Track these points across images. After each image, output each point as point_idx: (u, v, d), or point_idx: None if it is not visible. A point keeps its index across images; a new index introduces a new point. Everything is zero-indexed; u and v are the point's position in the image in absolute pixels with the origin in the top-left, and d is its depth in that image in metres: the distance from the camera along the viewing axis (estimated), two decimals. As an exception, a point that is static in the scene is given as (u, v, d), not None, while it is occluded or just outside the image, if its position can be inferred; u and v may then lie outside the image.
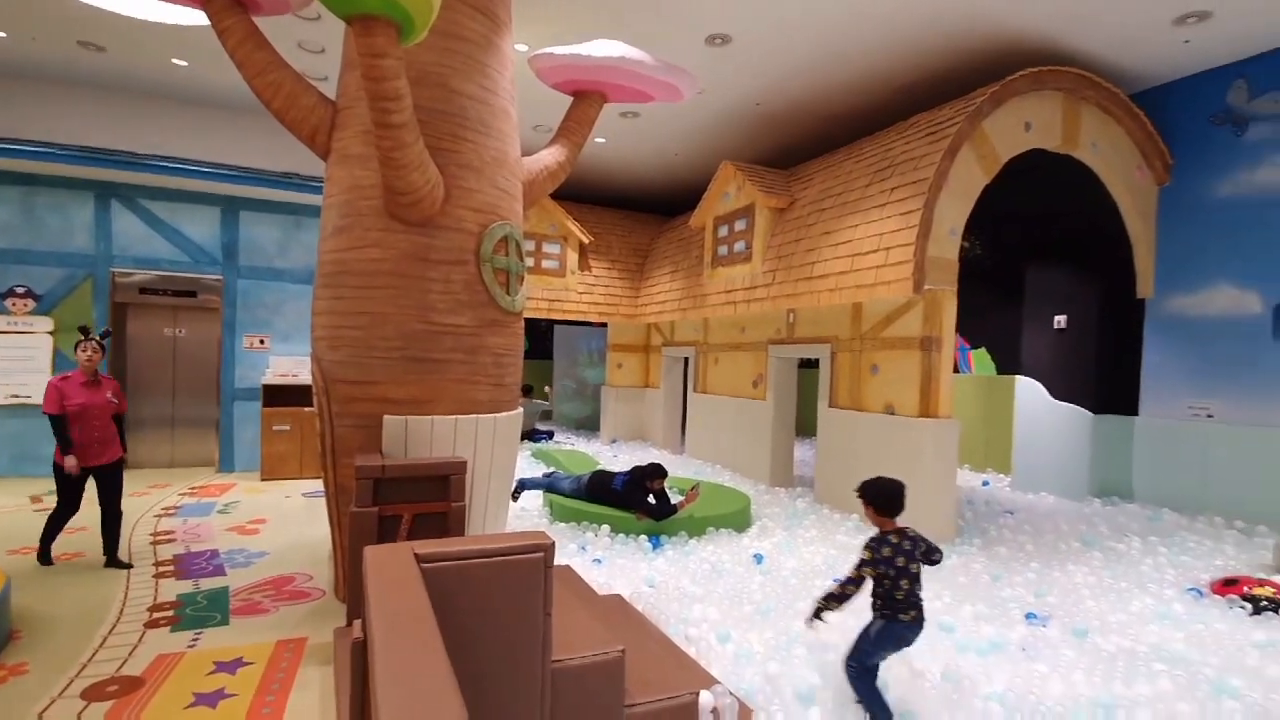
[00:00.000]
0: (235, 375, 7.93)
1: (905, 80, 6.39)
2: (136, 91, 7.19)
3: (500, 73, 4.06)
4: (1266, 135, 5.75)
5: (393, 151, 3.37)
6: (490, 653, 2.01)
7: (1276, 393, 5.64)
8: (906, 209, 5.24)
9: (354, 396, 3.75)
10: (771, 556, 4.85)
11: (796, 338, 7.07)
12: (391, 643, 1.29)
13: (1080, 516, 6.03)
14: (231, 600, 3.99)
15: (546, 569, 2.08)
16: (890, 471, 5.52)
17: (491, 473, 4.16)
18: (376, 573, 1.72)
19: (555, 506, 5.77)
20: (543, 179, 4.54)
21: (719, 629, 3.52)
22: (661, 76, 4.47)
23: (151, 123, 7.27)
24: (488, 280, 3.92)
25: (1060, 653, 3.38)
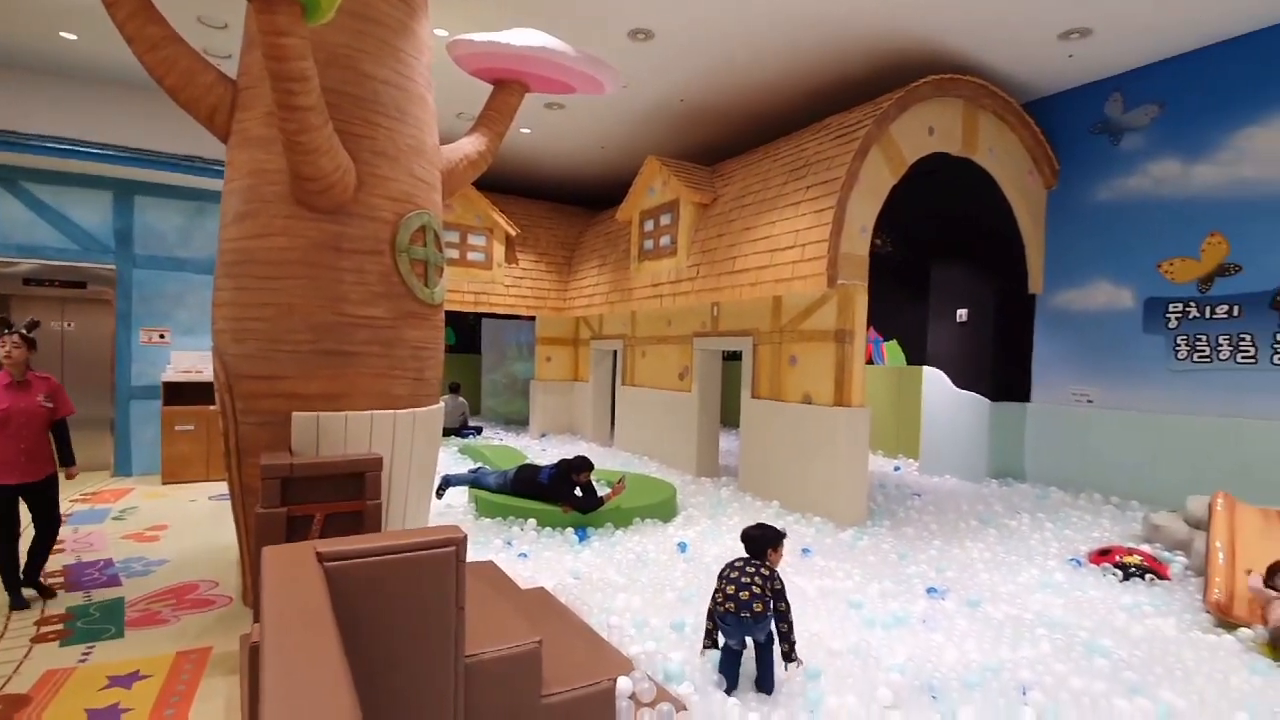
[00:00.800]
0: (132, 372, 7.40)
1: (819, 82, 6.62)
2: (18, 66, 6.54)
3: (416, 58, 3.95)
4: (1139, 145, 6.31)
5: (298, 135, 3.23)
6: (399, 649, 1.98)
7: (1145, 379, 6.24)
8: (820, 207, 5.45)
9: (260, 392, 3.59)
10: (695, 544, 4.96)
11: (720, 330, 7.24)
12: (281, 644, 1.26)
13: (979, 496, 6.47)
14: (127, 611, 3.77)
15: (458, 563, 2.07)
16: (807, 457, 5.84)
17: (411, 469, 4.07)
18: (273, 573, 1.66)
19: (481, 502, 5.70)
20: (463, 168, 4.46)
21: (639, 616, 3.58)
22: (583, 69, 4.46)
23: (36, 99, 6.62)
24: (404, 271, 3.82)
25: (955, 623, 3.63)
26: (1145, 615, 3.78)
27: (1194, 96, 5.91)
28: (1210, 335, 5.81)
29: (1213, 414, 5.76)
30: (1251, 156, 5.58)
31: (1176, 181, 6.03)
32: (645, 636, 3.36)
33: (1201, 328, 5.86)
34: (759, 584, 2.98)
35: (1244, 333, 5.61)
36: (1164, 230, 6.10)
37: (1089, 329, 6.65)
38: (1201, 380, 5.86)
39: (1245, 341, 5.60)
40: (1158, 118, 6.17)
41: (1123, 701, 2.78)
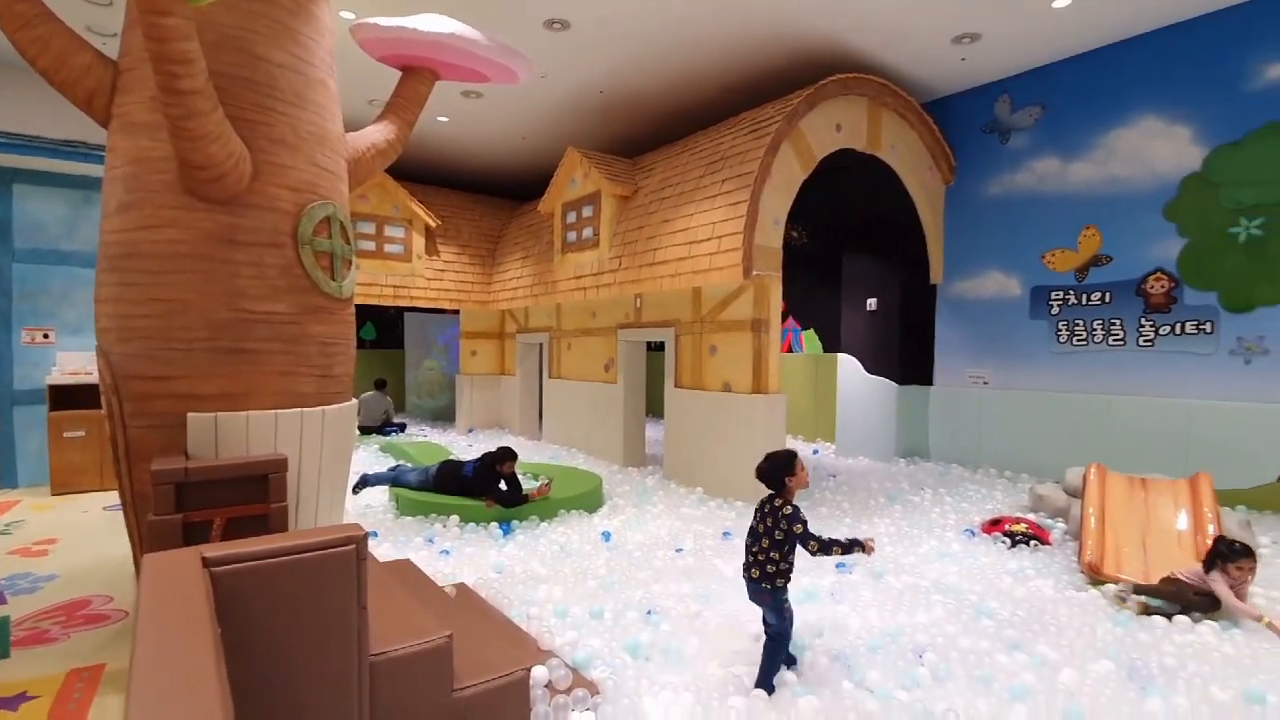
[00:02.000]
0: (14, 375, 6.80)
1: (734, 77, 6.78)
2: None
3: (316, 41, 3.80)
4: (1024, 144, 6.80)
5: (184, 121, 3.05)
6: (299, 653, 1.94)
7: (1031, 362, 6.78)
8: (735, 200, 5.60)
9: (150, 393, 3.39)
10: (619, 533, 5.04)
11: (643, 322, 7.33)
12: (151, 662, 1.21)
13: (888, 475, 6.84)
14: (13, 631, 3.51)
15: (359, 561, 2.05)
16: (727, 444, 6.01)
17: (322, 470, 3.94)
18: (151, 583, 1.60)
19: (401, 500, 5.58)
20: (371, 157, 4.32)
21: (560, 606, 3.62)
22: (495, 57, 4.39)
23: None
24: (308, 264, 3.68)
25: (860, 594, 3.85)
26: (1028, 578, 4.12)
27: (1071, 99, 6.41)
28: (1086, 320, 6.35)
29: (1089, 392, 6.31)
30: (1120, 156, 6.12)
31: (1056, 178, 6.53)
32: (566, 626, 3.40)
33: (1079, 313, 6.40)
34: (766, 535, 2.75)
35: (1114, 317, 6.17)
36: (1046, 223, 6.61)
37: (983, 316, 7.14)
38: (1079, 361, 6.40)
39: (1115, 325, 6.16)
40: (1040, 119, 6.66)
41: (1003, 656, 3.05)
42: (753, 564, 2.85)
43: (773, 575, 2.78)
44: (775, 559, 2.76)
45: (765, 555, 2.78)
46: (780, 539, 2.74)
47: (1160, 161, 5.88)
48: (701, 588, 3.93)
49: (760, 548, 2.80)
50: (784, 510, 2.76)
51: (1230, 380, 5.55)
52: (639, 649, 3.11)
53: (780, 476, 2.85)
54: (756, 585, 2.84)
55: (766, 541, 2.78)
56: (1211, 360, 5.64)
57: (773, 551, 2.76)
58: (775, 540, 2.75)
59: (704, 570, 4.28)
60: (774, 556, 2.76)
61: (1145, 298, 5.99)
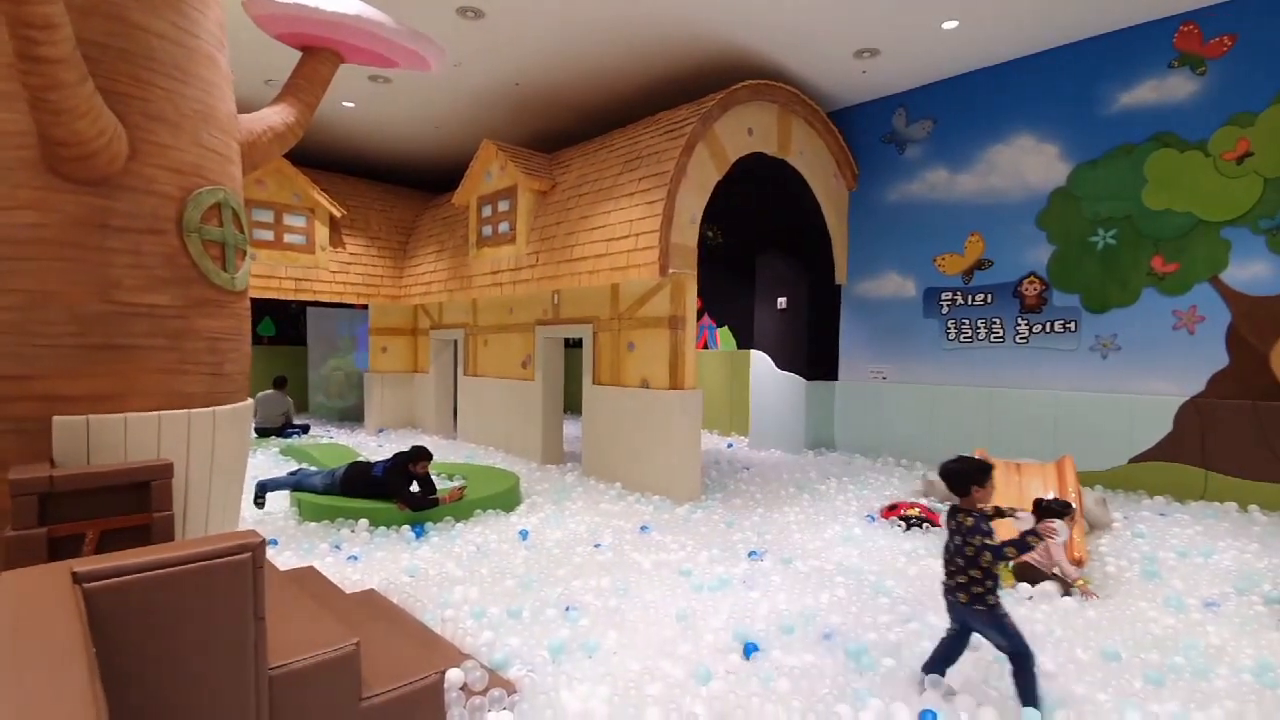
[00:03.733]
0: None
1: (649, 78, 6.86)
2: None
3: (202, 12, 3.51)
4: (918, 155, 7.27)
5: (47, 93, 2.75)
6: (190, 670, 1.81)
7: (924, 358, 7.29)
8: (652, 198, 5.67)
9: (8, 395, 3.03)
10: (537, 531, 4.98)
11: (562, 318, 7.28)
12: (11, 698, 1.08)
13: (798, 466, 7.15)
14: None
15: (255, 570, 1.92)
16: (645, 439, 6.07)
17: (213, 475, 3.66)
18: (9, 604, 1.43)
19: (305, 506, 5.27)
20: (267, 141, 4.03)
21: (477, 607, 3.55)
22: (403, 42, 4.22)
23: None
24: (195, 254, 3.40)
25: (770, 579, 4.00)
26: (920, 558, 4.42)
27: (958, 115, 6.92)
28: (971, 319, 6.89)
29: (974, 385, 6.85)
30: (999, 169, 6.67)
31: (945, 187, 7.04)
32: (482, 627, 3.33)
33: (965, 313, 6.93)
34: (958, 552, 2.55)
35: (995, 317, 6.73)
36: (937, 229, 7.11)
37: (882, 315, 7.59)
38: (966, 357, 6.94)
39: (996, 324, 6.72)
40: (932, 132, 7.14)
41: (898, 627, 3.28)
42: (956, 587, 2.61)
43: (981, 594, 2.54)
44: (976, 576, 2.54)
45: (965, 574, 2.56)
46: (971, 555, 2.54)
47: (1032, 175, 6.46)
48: (620, 581, 3.96)
49: (957, 566, 2.59)
50: (965, 522, 2.59)
51: (1090, 374, 6.18)
52: (559, 647, 3.10)
53: (967, 484, 2.63)
54: (968, 609, 2.58)
55: (961, 560, 2.57)
56: (1075, 356, 6.26)
57: (970, 569, 2.54)
58: (967, 557, 2.55)
59: (622, 564, 4.31)
60: (973, 574, 2.54)
61: (1021, 299, 6.56)
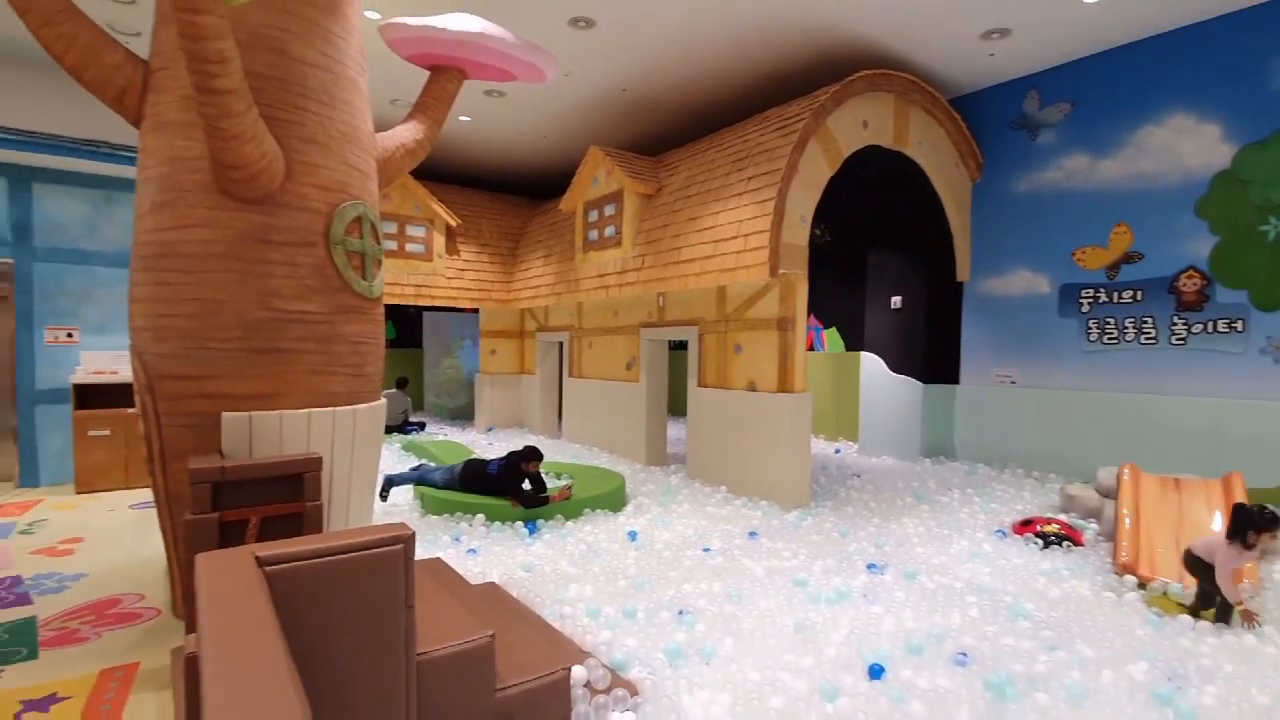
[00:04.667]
0: (36, 375, 6.86)
1: (760, 74, 6.73)
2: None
3: (346, 40, 3.79)
4: (1052, 140, 6.70)
5: (219, 121, 3.05)
6: (348, 652, 1.93)
7: (1060, 360, 6.68)
8: (762, 198, 5.56)
9: (185, 393, 3.40)
10: (645, 532, 5.01)
11: (666, 320, 7.30)
12: (223, 654, 1.20)
13: (914, 474, 6.78)
14: (40, 631, 3.50)
15: (407, 561, 2.03)
16: (752, 443, 5.96)
17: (353, 469, 3.94)
18: (209, 580, 1.59)
19: (427, 499, 5.58)
20: (400, 157, 4.31)
21: (592, 605, 3.60)
22: (522, 55, 4.38)
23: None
24: (340, 264, 3.68)
25: (893, 594, 3.81)
26: (1062, 579, 4.06)
27: (1100, 96, 6.31)
28: (1117, 318, 6.26)
29: (1120, 391, 6.21)
30: (1150, 153, 6.02)
31: (1086, 175, 6.44)
32: (599, 625, 3.38)
33: (1109, 311, 6.30)
34: None
35: (1146, 316, 6.07)
36: (1076, 221, 6.51)
37: (1011, 314, 7.05)
38: (1110, 360, 6.31)
39: (1147, 324, 6.06)
40: (1069, 115, 6.56)
41: (1044, 656, 3.02)
42: None
43: None
44: None
45: None
46: None
47: (1190, 159, 5.78)
48: (733, 587, 3.90)
49: None
50: None
51: (1260, 379, 5.45)
52: (676, 650, 3.08)
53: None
54: None
55: None
56: (1242, 359, 5.54)
57: None
58: None
59: (733, 570, 4.25)
60: None
61: (1178, 295, 5.89)
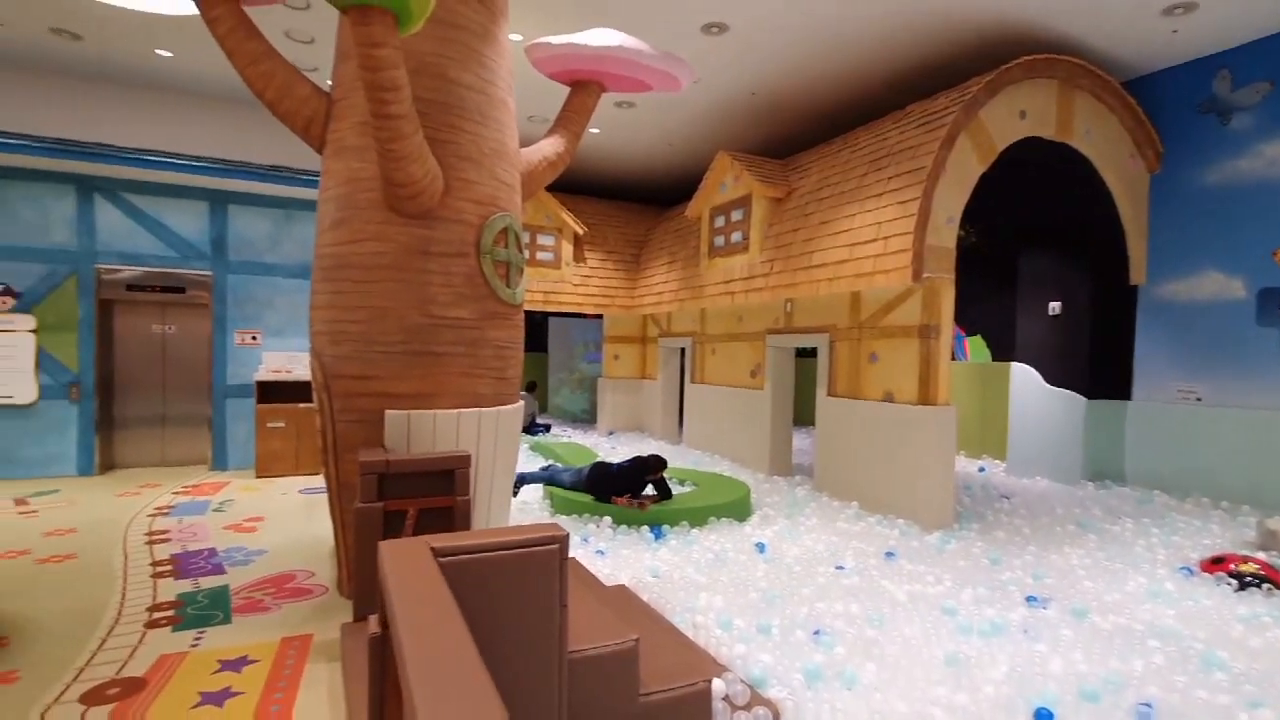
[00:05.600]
0: (227, 372, 7.84)
1: (899, 69, 6.39)
2: (118, 82, 6.99)
3: (498, 62, 4.02)
4: (1248, 124, 5.82)
5: (391, 143, 3.33)
6: (508, 645, 2.01)
7: (1261, 376, 5.75)
8: (904, 198, 5.26)
9: (355, 392, 3.72)
10: (773, 544, 4.88)
11: (794, 327, 7.10)
12: (421, 641, 1.28)
13: (1074, 500, 6.12)
14: (233, 599, 3.94)
15: (561, 561, 2.08)
16: (888, 457, 5.65)
17: (495, 467, 4.15)
18: (395, 568, 1.71)
19: (556, 499, 5.77)
20: (542, 170, 4.51)
21: (723, 616, 3.54)
22: (659, 66, 4.44)
23: (134, 114, 7.06)
24: (488, 273, 3.89)
25: (1059, 632, 3.44)
26: (1264, 626, 3.51)
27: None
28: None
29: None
30: (1387, 131, 5.06)
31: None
32: (733, 638, 3.31)
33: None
34: None
35: (1378, 324, 5.10)
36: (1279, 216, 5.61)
37: (1197, 322, 6.18)
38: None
39: (1381, 334, 5.09)
40: (1269, 95, 5.67)
41: (1245, 715, 2.62)
42: None
43: None
44: None
45: None
46: None
47: None
48: (871, 610, 3.70)
49: None
50: None
51: None
52: (814, 672, 2.96)
53: None
54: None
55: None
56: None
57: None
58: None
59: (871, 591, 4.03)
60: None
61: None
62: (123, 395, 7.72)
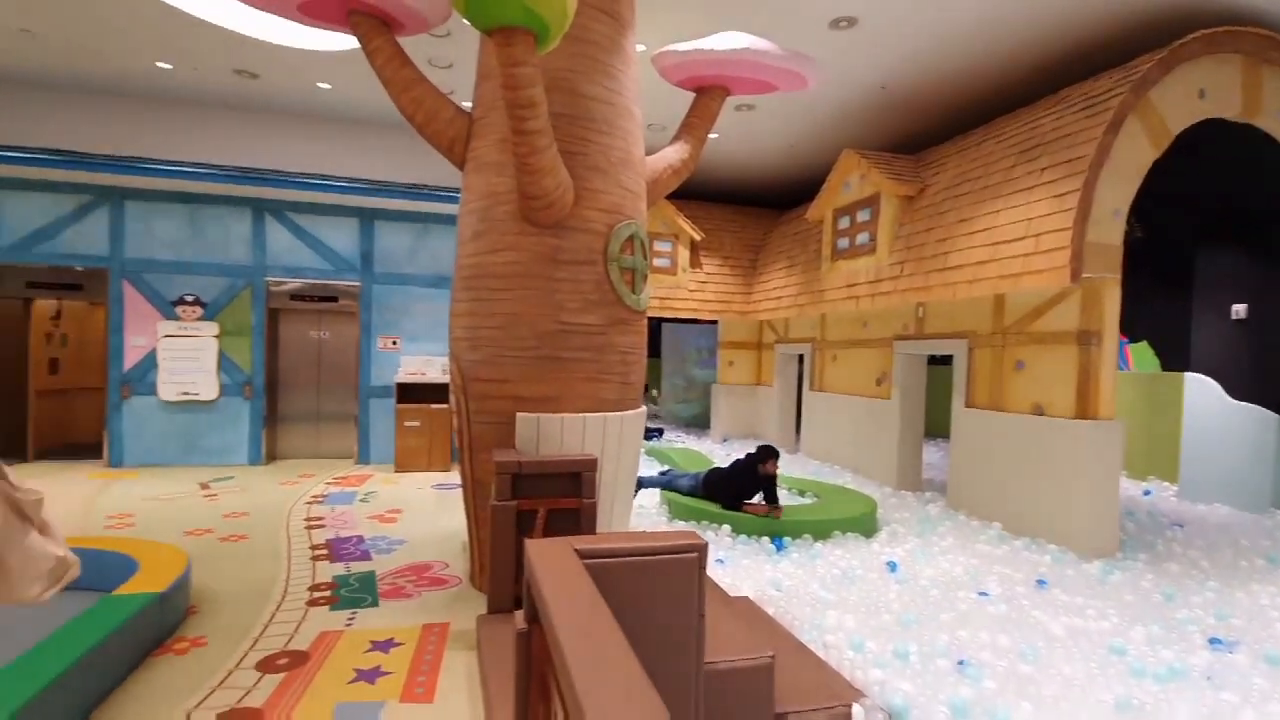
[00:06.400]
0: (371, 374, 8.52)
1: (1051, 52, 5.83)
2: (285, 113, 7.83)
3: (624, 72, 4.09)
4: None
5: (528, 157, 3.46)
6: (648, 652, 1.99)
7: None
8: (1060, 190, 4.79)
9: (490, 394, 3.90)
10: (905, 564, 4.60)
11: (927, 333, 6.68)
12: (581, 641, 1.30)
13: (1262, 531, 5.33)
14: (379, 584, 4.23)
15: (700, 569, 2.05)
16: (1037, 476, 5.17)
17: (618, 471, 4.20)
18: (544, 567, 1.75)
19: (673, 505, 5.76)
20: (666, 176, 4.54)
21: (855, 637, 3.37)
22: (787, 65, 4.34)
23: (298, 142, 7.90)
24: (614, 279, 3.95)
25: (1251, 681, 2.99)
26: None
27: None
28: None
29: None
30: None
31: None
32: (867, 661, 3.14)
33: None
34: None
35: None
36: None
37: None
38: None
39: None
40: None
41: None
42: None
43: None
44: None
45: None
46: None
47: None
48: (1023, 643, 3.38)
49: None
50: None
51: None
52: (961, 707, 2.73)
53: None
54: None
55: None
56: None
57: None
58: None
59: (1021, 622, 3.69)
60: None
61: None
62: (285, 394, 8.60)
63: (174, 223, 7.86)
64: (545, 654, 1.64)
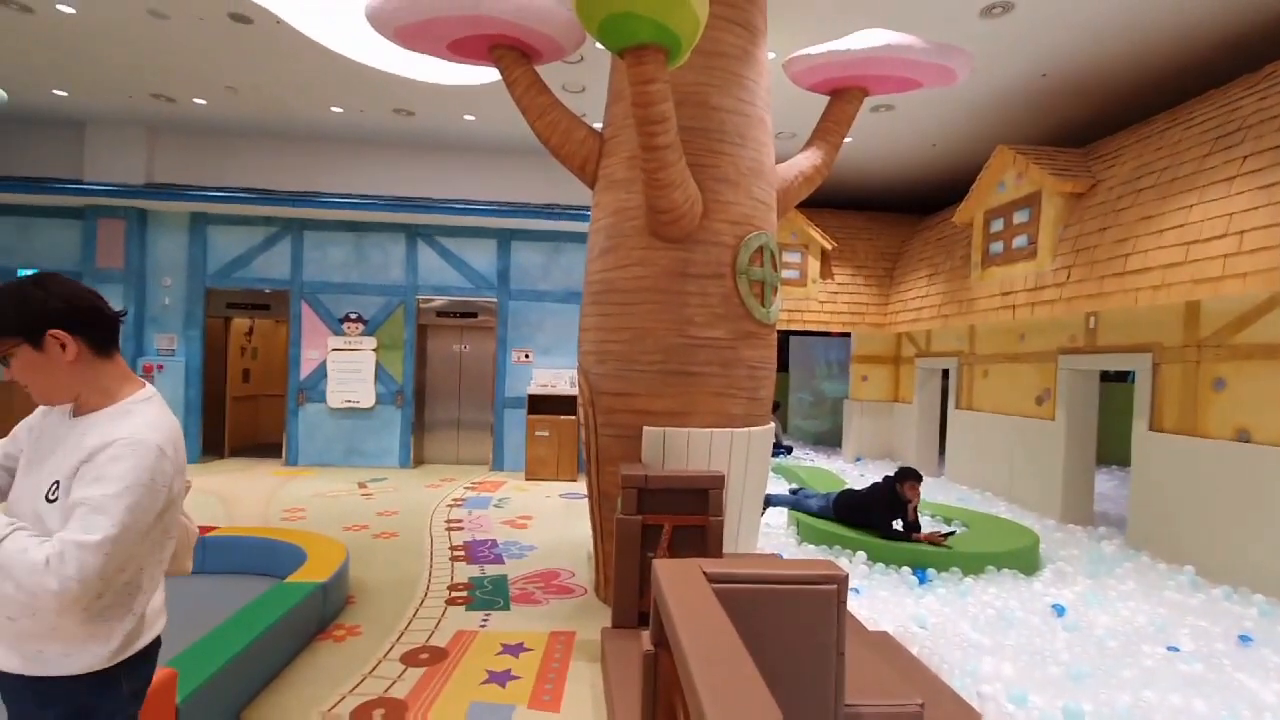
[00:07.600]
0: (506, 385, 8.98)
1: (1249, 21, 4.98)
2: (435, 145, 8.54)
3: (756, 82, 4.00)
4: None
5: (657, 172, 3.47)
6: (780, 688, 1.88)
7: None
8: (1267, 181, 4.06)
9: (617, 408, 3.93)
10: (1075, 609, 4.06)
11: (1100, 346, 5.91)
12: (713, 671, 1.22)
13: None
14: (510, 588, 4.38)
15: (840, 603, 1.90)
16: (1243, 513, 4.39)
17: (745, 488, 4.07)
18: (673, 589, 1.69)
19: (804, 528, 5.50)
20: (798, 185, 4.38)
21: (1015, 690, 2.99)
22: (933, 60, 4.03)
23: (446, 170, 8.60)
24: (743, 292, 3.85)
25: None
26: None
27: None
28: None
29: None
30: None
31: None
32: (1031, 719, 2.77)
33: None
34: None
35: None
36: None
37: None
38: None
39: None
40: None
41: None
42: None
43: None
44: None
45: None
46: None
47: None
48: (1224, 710, 2.86)
49: None
50: None
51: None
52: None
53: None
54: None
55: None
56: None
57: None
58: None
59: (1222, 685, 3.14)
60: None
61: None
62: (431, 403, 9.28)
63: (342, 249, 8.80)
64: (673, 679, 1.58)
